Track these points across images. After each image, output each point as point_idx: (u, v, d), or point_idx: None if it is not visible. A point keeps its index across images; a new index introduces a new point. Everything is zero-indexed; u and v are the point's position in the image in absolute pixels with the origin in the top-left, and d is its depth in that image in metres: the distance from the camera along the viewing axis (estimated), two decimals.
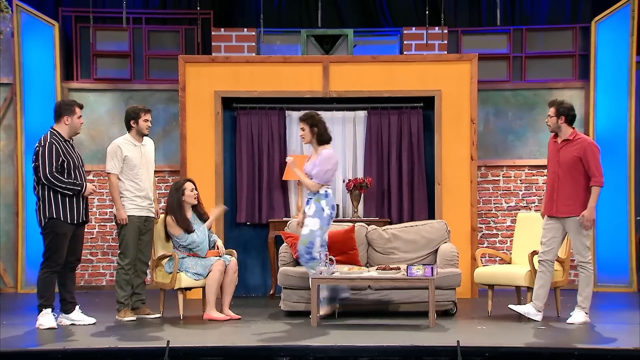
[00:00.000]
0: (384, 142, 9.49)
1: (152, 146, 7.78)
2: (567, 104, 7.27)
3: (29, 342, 6.61)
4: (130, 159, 7.48)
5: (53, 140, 7.05)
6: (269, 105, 9.49)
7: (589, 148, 7.17)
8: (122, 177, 7.50)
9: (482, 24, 10.41)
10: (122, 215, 7.46)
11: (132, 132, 7.59)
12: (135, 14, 10.19)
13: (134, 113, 7.58)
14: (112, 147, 7.54)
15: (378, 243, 8.34)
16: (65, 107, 7.18)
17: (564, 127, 7.24)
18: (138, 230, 7.53)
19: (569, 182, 7.18)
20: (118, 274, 7.53)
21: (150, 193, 7.63)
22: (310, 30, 9.96)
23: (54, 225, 6.99)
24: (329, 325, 7.13)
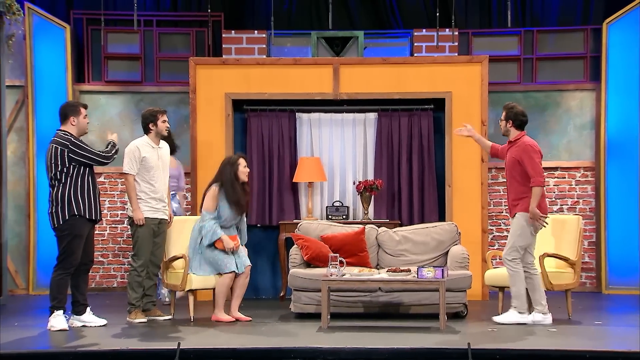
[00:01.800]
0: (395, 144, 9.48)
1: (168, 150, 7.82)
2: (518, 109, 7.43)
3: (40, 343, 6.64)
4: (147, 160, 7.50)
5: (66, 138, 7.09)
6: (280, 108, 9.51)
7: (524, 150, 7.30)
8: (138, 179, 7.52)
9: (493, 25, 10.40)
10: (139, 216, 7.47)
11: (151, 135, 7.62)
12: (146, 16, 10.22)
13: (152, 116, 7.61)
14: (130, 148, 7.56)
15: (388, 245, 8.34)
16: (70, 108, 7.22)
17: (512, 130, 7.42)
18: (152, 232, 7.54)
19: (512, 183, 7.38)
20: (131, 276, 7.55)
21: (164, 196, 7.64)
22: (321, 32, 9.97)
23: (73, 225, 7.01)
24: (339, 327, 7.13)
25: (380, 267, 8.24)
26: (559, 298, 8.25)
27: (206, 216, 7.53)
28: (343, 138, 9.62)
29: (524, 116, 7.41)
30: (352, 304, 7.76)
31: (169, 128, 7.73)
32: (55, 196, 7.06)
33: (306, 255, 8.08)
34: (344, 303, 7.75)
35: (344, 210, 9.33)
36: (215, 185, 7.54)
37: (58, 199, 7.05)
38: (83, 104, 7.32)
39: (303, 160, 9.36)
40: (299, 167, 9.33)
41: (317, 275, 7.64)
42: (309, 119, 9.61)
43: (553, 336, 6.74)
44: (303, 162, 9.32)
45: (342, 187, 9.61)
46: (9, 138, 9.74)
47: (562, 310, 7.86)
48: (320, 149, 9.60)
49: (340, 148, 9.61)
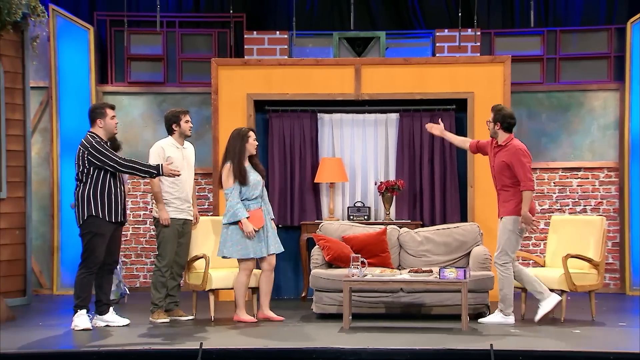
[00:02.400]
0: (416, 145, 9.46)
1: (193, 150, 7.84)
2: (506, 111, 7.45)
3: (64, 343, 6.69)
4: (172, 160, 7.53)
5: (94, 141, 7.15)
6: (301, 108, 9.52)
7: (515, 155, 7.33)
8: (163, 179, 7.54)
9: (516, 25, 10.35)
10: (164, 216, 7.50)
11: (175, 135, 7.64)
12: (168, 17, 10.27)
13: (174, 117, 7.64)
14: (156, 148, 7.59)
15: (410, 246, 8.33)
16: (96, 111, 7.28)
17: (500, 133, 7.45)
18: (176, 233, 7.57)
19: (499, 186, 7.42)
20: (155, 276, 7.57)
21: (189, 196, 7.66)
22: (343, 33, 9.97)
23: (92, 224, 7.07)
24: (361, 327, 7.13)
25: (402, 268, 8.22)
26: (582, 299, 8.20)
27: (229, 194, 7.47)
28: (364, 138, 9.61)
29: (512, 118, 7.45)
30: (374, 304, 7.75)
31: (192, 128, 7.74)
32: (76, 195, 7.15)
33: (328, 255, 8.09)
34: (366, 304, 7.75)
35: (365, 210, 9.33)
36: (229, 163, 7.52)
37: (79, 198, 7.13)
38: (110, 105, 7.36)
39: (324, 160, 9.36)
40: (321, 168, 9.33)
41: (339, 275, 7.64)
42: (331, 119, 9.61)
43: (576, 338, 6.70)
44: (324, 163, 9.33)
45: (363, 187, 9.61)
46: (33, 139, 9.82)
47: (585, 311, 7.81)
48: (342, 150, 9.60)
49: (361, 148, 9.60)
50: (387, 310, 7.76)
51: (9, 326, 7.35)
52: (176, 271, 7.64)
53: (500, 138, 7.45)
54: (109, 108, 7.32)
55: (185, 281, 8.01)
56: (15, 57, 8.94)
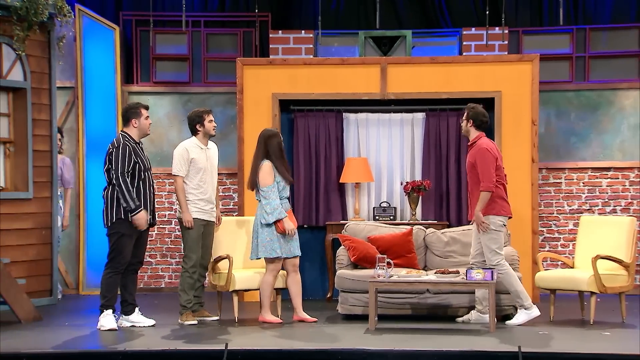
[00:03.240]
0: (443, 144, 9.43)
1: (216, 151, 7.83)
2: (479, 110, 7.45)
3: (90, 343, 6.74)
4: (196, 161, 7.54)
5: (126, 142, 7.19)
6: (327, 108, 9.51)
7: (478, 153, 7.31)
8: (187, 180, 7.56)
9: (544, 23, 10.28)
10: (188, 218, 7.51)
11: (199, 136, 7.64)
12: (194, 17, 10.32)
13: (198, 117, 7.63)
14: (180, 150, 7.60)
15: (436, 246, 8.30)
16: (131, 111, 7.32)
17: (472, 131, 7.44)
18: (200, 234, 7.58)
19: (471, 186, 7.39)
20: (182, 277, 7.57)
21: (213, 197, 7.67)
22: (368, 32, 9.95)
23: (121, 226, 7.12)
24: (387, 329, 7.11)
25: (428, 269, 8.20)
26: (612, 301, 8.12)
27: (269, 192, 7.41)
28: (390, 138, 9.59)
29: (485, 117, 7.44)
30: (400, 305, 7.73)
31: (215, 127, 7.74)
32: (106, 196, 7.19)
33: (353, 256, 8.08)
34: (392, 305, 7.73)
35: (391, 211, 9.31)
36: (267, 161, 7.51)
37: (108, 199, 7.17)
38: (144, 105, 7.40)
39: (350, 160, 9.35)
40: (346, 168, 9.32)
41: (365, 276, 7.63)
42: (356, 119, 9.60)
43: (606, 340, 6.64)
44: (350, 163, 9.32)
45: (389, 187, 9.58)
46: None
47: (615, 313, 7.74)
48: (368, 149, 9.59)
49: (387, 148, 9.58)
50: (414, 311, 7.74)
51: (35, 326, 7.42)
52: (200, 272, 7.66)
53: (470, 136, 7.43)
54: (143, 108, 7.35)
55: (209, 282, 8.03)
56: (41, 58, 9.01)
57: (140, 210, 7.12)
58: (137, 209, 7.10)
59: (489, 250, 7.30)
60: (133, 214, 7.09)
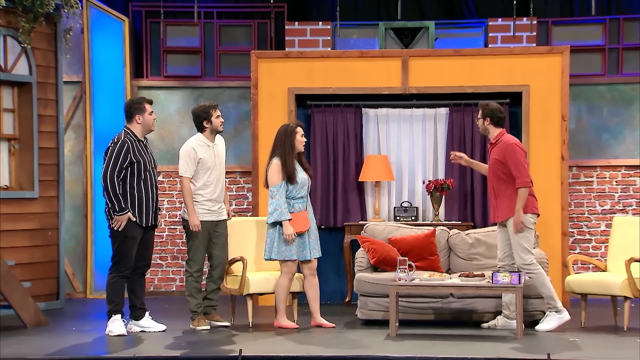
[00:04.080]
0: (467, 141, 9.40)
1: (224, 145, 7.79)
2: (493, 106, 7.47)
3: (98, 349, 6.77)
4: (204, 161, 7.52)
5: (127, 139, 7.21)
6: (345, 103, 9.51)
7: (507, 149, 7.32)
8: (194, 181, 7.55)
9: (575, 13, 10.22)
10: (195, 222, 7.49)
11: (206, 132, 7.61)
12: (206, 8, 10.33)
13: (205, 113, 7.59)
14: (186, 149, 7.57)
15: (461, 248, 8.28)
16: (135, 106, 7.32)
17: (491, 129, 7.45)
18: (208, 236, 7.58)
19: (499, 185, 7.38)
20: (188, 282, 7.58)
21: (221, 196, 7.66)
22: (389, 23, 9.94)
23: (123, 228, 7.13)
24: (408, 335, 7.10)
25: (451, 272, 8.18)
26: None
27: (275, 192, 7.46)
28: (412, 134, 9.58)
29: (501, 112, 7.45)
30: (422, 310, 7.72)
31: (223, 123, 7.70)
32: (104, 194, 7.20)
33: (373, 258, 8.07)
34: (414, 309, 7.72)
35: (412, 211, 9.29)
36: (277, 159, 7.53)
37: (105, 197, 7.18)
38: (148, 100, 7.41)
39: (369, 158, 9.34)
40: (365, 166, 9.32)
41: (385, 279, 7.62)
42: (376, 114, 9.59)
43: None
44: (369, 161, 9.31)
45: (410, 186, 9.57)
46: (66, 136, 9.94)
47: None
48: (388, 147, 9.57)
49: (409, 145, 9.57)
50: (436, 316, 7.72)
51: (41, 331, 7.46)
52: (216, 274, 7.63)
53: (491, 134, 7.45)
54: (147, 103, 7.36)
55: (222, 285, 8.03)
56: (47, 51, 9.06)
57: (125, 212, 7.10)
58: (121, 212, 7.08)
59: (521, 248, 7.29)
60: (117, 214, 7.09)
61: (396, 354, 6.21)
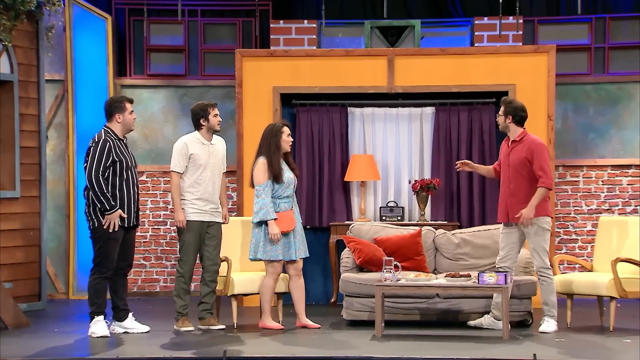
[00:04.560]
0: (453, 141, 9.42)
1: (223, 146, 7.74)
2: (517, 104, 7.43)
3: (80, 350, 6.74)
4: (196, 158, 7.50)
5: (107, 138, 7.18)
6: (330, 102, 9.51)
7: (535, 148, 7.30)
8: (185, 177, 7.52)
9: (561, 12, 10.26)
10: (179, 217, 7.46)
11: (203, 131, 7.58)
12: (190, 6, 10.31)
13: (202, 110, 7.57)
14: (179, 144, 7.55)
15: (447, 248, 8.29)
16: (115, 105, 7.30)
17: (512, 127, 7.40)
18: (199, 236, 7.53)
19: (520, 185, 7.33)
20: (177, 282, 7.54)
21: (215, 196, 7.60)
22: (375, 22, 9.94)
23: (104, 229, 7.10)
24: (394, 335, 7.11)
25: (437, 272, 8.19)
26: (633, 306, 8.11)
27: (260, 190, 7.45)
28: (398, 134, 9.58)
29: (524, 111, 7.42)
30: (408, 311, 7.73)
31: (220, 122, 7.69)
32: (87, 196, 7.15)
33: (359, 258, 8.07)
34: (399, 310, 7.73)
35: (398, 211, 9.30)
36: (262, 158, 7.52)
37: (90, 201, 7.14)
38: (128, 99, 7.38)
39: (355, 157, 9.34)
40: (351, 165, 9.32)
41: (371, 280, 7.62)
42: (362, 113, 9.59)
43: (627, 348, 6.63)
44: (355, 160, 9.31)
45: (396, 186, 9.58)
46: (49, 135, 9.90)
47: (636, 319, 7.74)
48: (374, 146, 9.58)
49: (394, 145, 9.58)
50: (422, 317, 7.73)
51: (23, 332, 7.42)
52: (208, 277, 7.56)
53: (513, 133, 7.40)
54: (128, 102, 7.33)
55: None
56: (29, 49, 9.01)
57: (116, 210, 7.07)
58: (112, 210, 7.06)
59: (543, 251, 7.31)
60: (107, 213, 7.05)
61: (382, 355, 6.21)
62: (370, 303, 7.62)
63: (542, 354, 6.08)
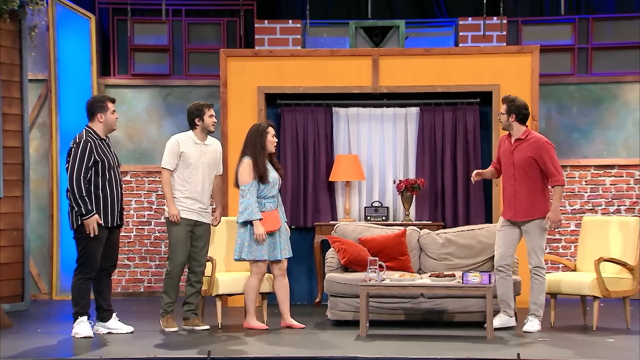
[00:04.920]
0: (438, 141, 9.44)
1: (219, 147, 7.71)
2: (519, 102, 7.39)
3: (63, 351, 6.71)
4: (186, 156, 7.49)
5: (88, 138, 7.14)
6: (315, 102, 9.51)
7: (543, 147, 7.29)
8: (175, 175, 7.51)
9: (545, 13, 10.30)
10: (173, 212, 7.43)
11: (197, 131, 7.57)
12: (174, 5, 10.29)
13: (198, 110, 7.57)
14: (171, 142, 7.55)
15: (431, 248, 8.31)
16: (97, 104, 7.26)
17: (516, 125, 7.37)
18: (186, 234, 7.53)
19: (525, 183, 7.31)
20: (165, 280, 7.53)
21: (205, 197, 7.56)
22: (359, 22, 9.96)
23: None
24: (379, 335, 7.12)
25: (422, 272, 8.21)
26: (616, 306, 8.15)
27: (245, 190, 7.44)
28: (383, 134, 9.60)
29: (526, 109, 7.41)
30: (393, 310, 7.74)
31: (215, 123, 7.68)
32: (71, 198, 7.12)
33: (343, 258, 8.08)
34: (384, 310, 7.74)
35: (383, 211, 9.32)
36: (247, 158, 7.51)
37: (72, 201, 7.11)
38: (110, 98, 7.35)
39: (340, 157, 9.35)
40: (336, 165, 9.33)
41: (355, 280, 7.63)
42: (347, 114, 9.60)
43: (610, 347, 6.67)
44: (340, 160, 9.32)
45: (381, 186, 9.59)
46: (32, 135, 9.86)
47: (619, 319, 7.77)
48: (359, 146, 9.59)
49: (379, 145, 9.59)
50: (407, 317, 7.75)
51: (6, 333, 7.39)
52: (193, 278, 7.56)
53: (516, 131, 7.37)
54: (110, 101, 7.30)
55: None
56: (12, 48, 8.97)
57: (92, 215, 7.05)
58: (87, 214, 7.02)
59: (541, 250, 7.33)
60: (84, 218, 7.03)
61: (366, 355, 6.22)
62: (355, 303, 7.63)
63: (525, 354, 6.10)
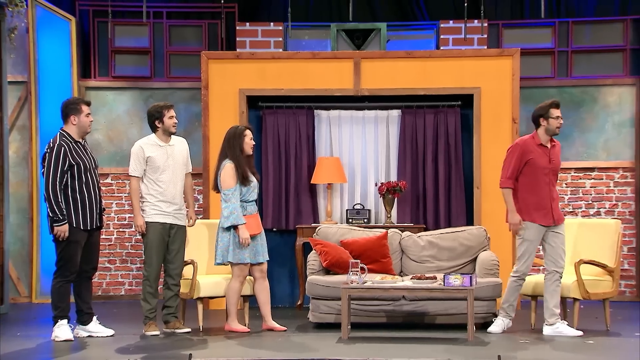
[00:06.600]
0: (419, 143, 9.46)
1: (184, 146, 7.68)
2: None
3: (43, 355, 6.68)
4: (153, 160, 7.46)
5: (62, 142, 7.08)
6: (297, 104, 9.51)
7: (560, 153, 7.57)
8: (145, 180, 7.47)
9: (525, 16, 10.35)
10: (138, 222, 7.42)
11: (159, 133, 7.54)
12: (155, 7, 10.27)
13: (157, 112, 7.53)
14: (134, 149, 7.51)
15: (413, 250, 8.32)
16: (71, 107, 7.20)
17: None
18: (162, 238, 7.50)
19: (555, 187, 7.48)
20: (143, 286, 7.48)
21: (178, 198, 7.54)
22: (341, 25, 9.97)
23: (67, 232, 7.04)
24: (360, 338, 7.12)
25: (404, 274, 8.22)
26: (596, 308, 8.19)
27: (230, 195, 7.40)
28: (364, 137, 9.61)
29: None
30: (374, 313, 7.75)
31: (176, 124, 7.64)
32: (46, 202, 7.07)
33: (325, 261, 8.08)
34: (366, 312, 7.74)
35: (365, 213, 9.32)
36: (229, 162, 7.50)
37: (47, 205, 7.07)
38: (85, 101, 7.29)
39: (322, 160, 9.36)
40: (318, 168, 9.33)
41: (337, 282, 7.63)
42: (328, 116, 9.61)
43: (590, 349, 6.70)
44: (322, 163, 9.32)
45: (363, 189, 9.60)
46: (11, 137, 9.82)
47: (599, 321, 7.80)
48: (340, 149, 9.60)
49: (361, 147, 9.60)
50: (388, 319, 7.75)
51: None
52: (170, 281, 7.53)
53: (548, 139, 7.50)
54: (84, 104, 7.23)
55: None
56: None
57: (63, 223, 6.99)
58: (59, 222, 6.98)
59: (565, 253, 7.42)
60: (56, 225, 6.99)
61: (348, 357, 6.22)
62: (336, 305, 7.63)
63: (506, 355, 6.12)
